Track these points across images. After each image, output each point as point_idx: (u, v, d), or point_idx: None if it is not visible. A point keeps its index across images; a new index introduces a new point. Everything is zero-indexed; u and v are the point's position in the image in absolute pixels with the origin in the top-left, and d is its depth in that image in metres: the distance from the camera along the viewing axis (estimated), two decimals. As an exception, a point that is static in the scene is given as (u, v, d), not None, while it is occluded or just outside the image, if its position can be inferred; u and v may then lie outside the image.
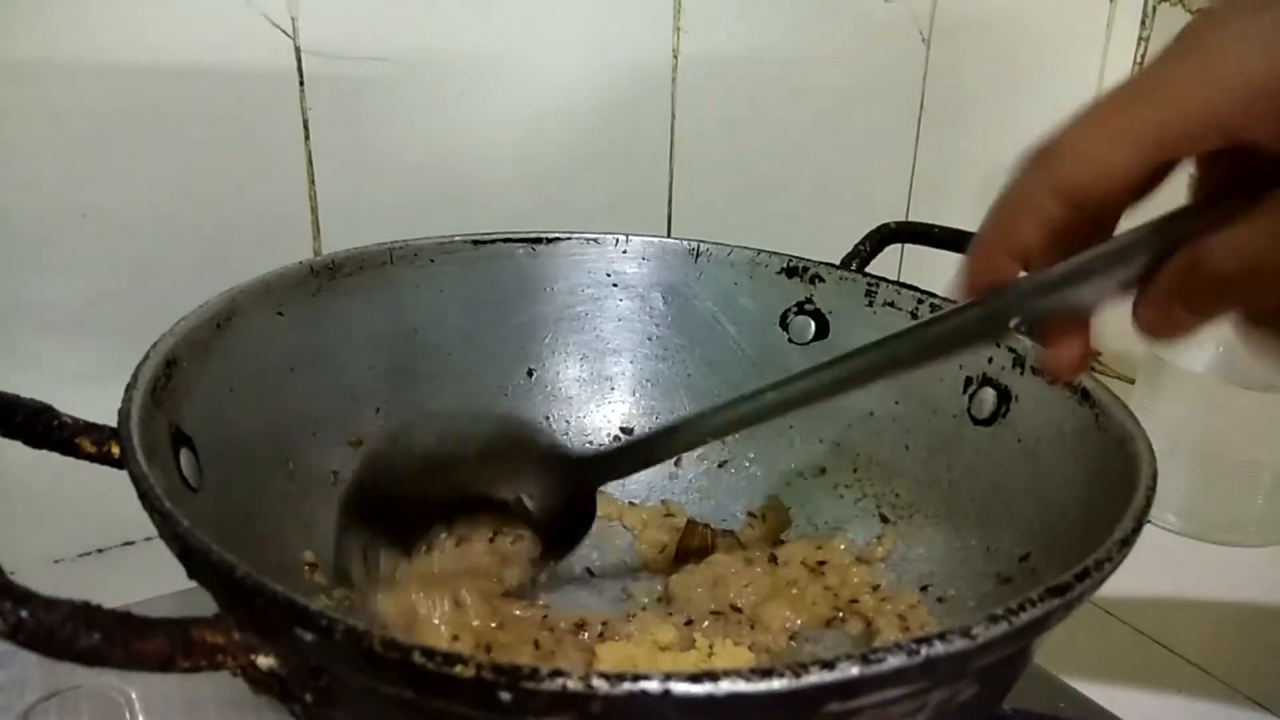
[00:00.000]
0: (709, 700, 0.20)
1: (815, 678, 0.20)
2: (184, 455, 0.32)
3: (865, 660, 0.21)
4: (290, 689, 0.23)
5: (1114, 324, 0.28)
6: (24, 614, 0.20)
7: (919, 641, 0.21)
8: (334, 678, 0.23)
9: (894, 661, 0.21)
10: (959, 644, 0.22)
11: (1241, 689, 0.47)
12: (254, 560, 0.25)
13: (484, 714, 0.21)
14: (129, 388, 0.30)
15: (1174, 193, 0.27)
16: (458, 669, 0.20)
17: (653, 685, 0.20)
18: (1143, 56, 0.81)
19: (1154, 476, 0.31)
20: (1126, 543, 0.27)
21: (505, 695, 0.20)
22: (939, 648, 0.21)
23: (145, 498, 0.25)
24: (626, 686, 0.20)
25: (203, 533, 0.24)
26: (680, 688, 0.20)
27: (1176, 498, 0.59)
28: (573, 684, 0.20)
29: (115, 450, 0.30)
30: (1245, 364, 0.57)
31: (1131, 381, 0.62)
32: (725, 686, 0.20)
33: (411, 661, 0.20)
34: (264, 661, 0.23)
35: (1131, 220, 0.27)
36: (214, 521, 0.32)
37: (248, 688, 0.23)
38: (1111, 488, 0.32)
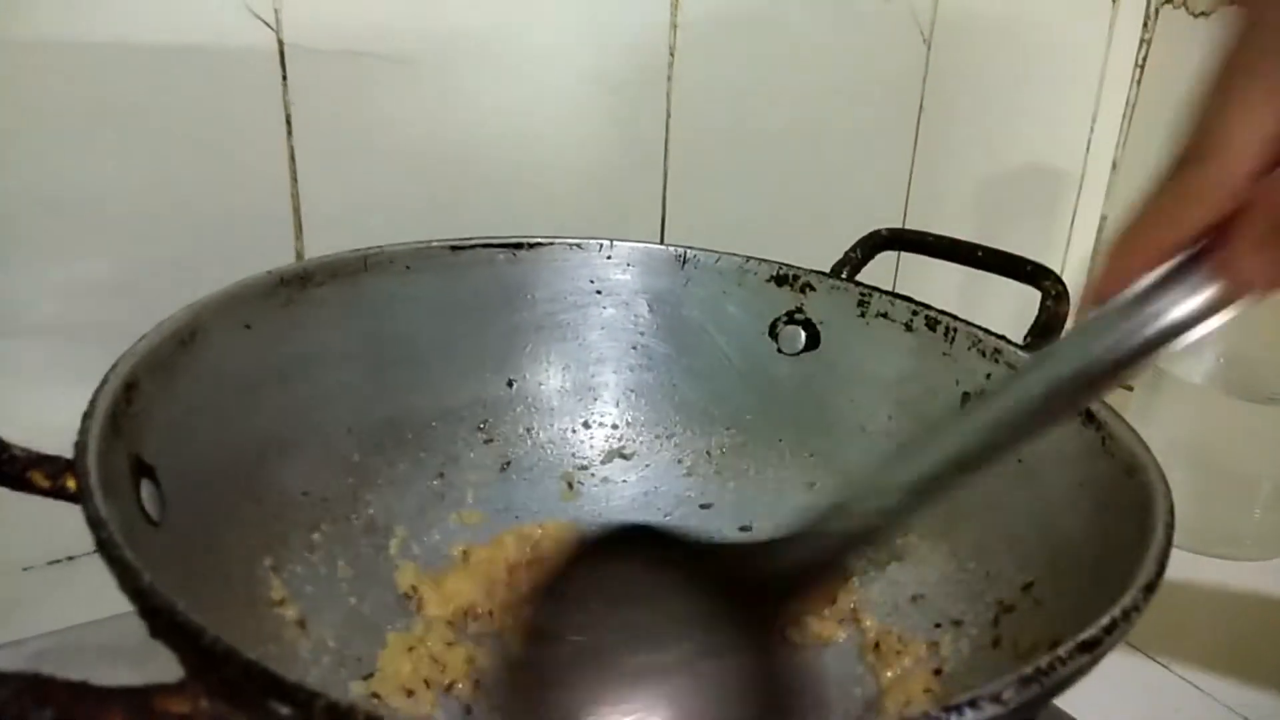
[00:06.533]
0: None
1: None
2: (145, 486, 0.30)
3: (893, 734, 0.19)
4: (263, 760, 0.21)
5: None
6: (-32, 691, 0.18)
7: (948, 710, 0.20)
8: (312, 748, 0.21)
9: (923, 733, 0.19)
10: (989, 710, 0.20)
11: (1233, 705, 0.47)
12: (221, 596, 0.23)
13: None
14: (86, 416, 0.28)
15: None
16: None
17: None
18: (1144, 59, 0.80)
19: (1171, 511, 0.30)
20: (1151, 588, 0.26)
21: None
22: (970, 716, 0.20)
23: (104, 547, 0.23)
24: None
25: (167, 578, 0.22)
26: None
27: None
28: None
29: (71, 484, 0.27)
30: (1244, 375, 0.57)
31: (1130, 389, 0.61)
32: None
33: (400, 741, 0.18)
34: (234, 732, 0.21)
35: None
36: (178, 557, 0.29)
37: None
38: (1122, 518, 0.31)
